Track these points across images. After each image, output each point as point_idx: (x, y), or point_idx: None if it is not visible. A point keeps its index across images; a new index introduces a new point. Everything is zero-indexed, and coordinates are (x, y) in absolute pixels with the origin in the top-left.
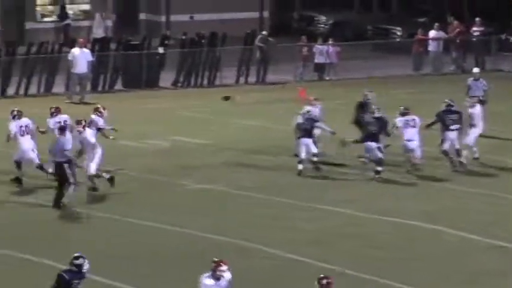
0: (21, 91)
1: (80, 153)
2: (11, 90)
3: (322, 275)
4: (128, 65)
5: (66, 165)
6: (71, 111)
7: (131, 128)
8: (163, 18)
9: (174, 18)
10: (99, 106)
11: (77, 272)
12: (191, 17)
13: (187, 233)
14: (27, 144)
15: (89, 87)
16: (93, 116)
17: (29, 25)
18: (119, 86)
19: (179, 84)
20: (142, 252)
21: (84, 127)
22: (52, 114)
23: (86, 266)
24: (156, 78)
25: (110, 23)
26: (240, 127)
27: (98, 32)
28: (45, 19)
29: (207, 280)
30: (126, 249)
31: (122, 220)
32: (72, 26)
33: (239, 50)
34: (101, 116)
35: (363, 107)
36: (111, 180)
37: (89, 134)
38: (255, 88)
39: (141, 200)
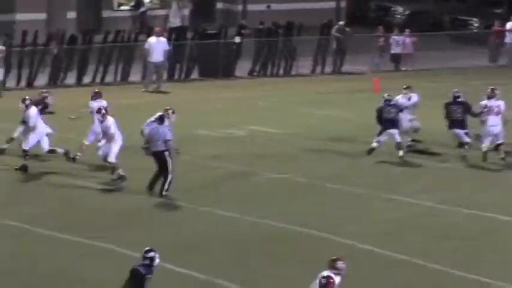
0: (98, 79)
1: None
2: (87, 79)
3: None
4: (204, 54)
5: (166, 154)
6: (147, 99)
7: (207, 117)
8: (240, 8)
9: (250, 7)
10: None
11: (149, 266)
12: (268, 7)
13: (262, 223)
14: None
15: (165, 76)
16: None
17: (105, 13)
18: (195, 75)
19: (255, 74)
20: (218, 241)
21: (104, 116)
22: (92, 98)
23: (157, 260)
24: (232, 67)
25: (186, 12)
26: (316, 117)
27: (175, 21)
28: (122, 7)
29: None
30: (202, 238)
31: (198, 210)
32: (149, 14)
33: (315, 40)
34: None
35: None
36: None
37: (111, 122)
38: (331, 78)
39: (217, 189)
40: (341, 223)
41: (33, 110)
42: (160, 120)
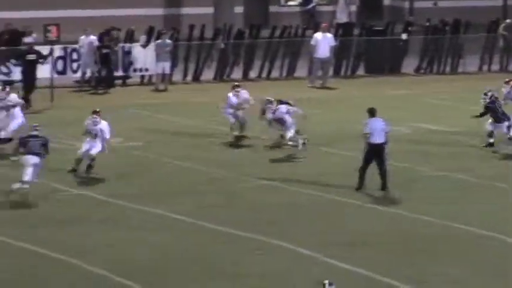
0: (264, 74)
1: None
2: (253, 74)
3: None
4: (371, 50)
5: (385, 147)
6: (313, 95)
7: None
8: (407, 5)
9: (417, 4)
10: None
11: None
12: (435, 4)
13: (427, 221)
14: None
15: (331, 72)
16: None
17: (272, 8)
18: (361, 71)
19: (422, 71)
20: (383, 239)
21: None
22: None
23: None
24: (398, 64)
25: (353, 8)
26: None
27: (342, 17)
28: (290, 3)
29: None
30: (367, 235)
31: (363, 207)
32: (316, 10)
33: (482, 38)
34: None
35: None
36: None
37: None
38: (498, 76)
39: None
40: (507, 223)
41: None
42: (371, 113)
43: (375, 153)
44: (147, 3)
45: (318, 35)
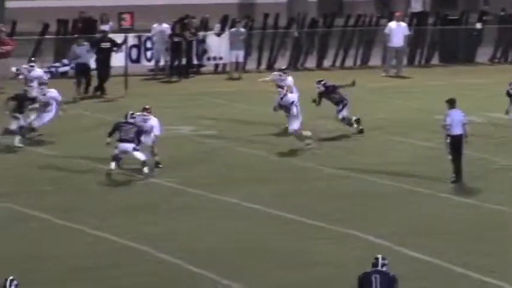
0: (338, 63)
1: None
2: (327, 62)
3: None
4: (445, 40)
5: (463, 139)
6: (387, 84)
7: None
8: None
9: None
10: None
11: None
12: None
13: (501, 210)
14: None
15: (405, 61)
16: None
17: None
18: (435, 60)
19: (496, 60)
20: (452, 227)
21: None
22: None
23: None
24: (473, 53)
25: None
26: None
27: (416, 6)
28: None
29: None
30: (437, 223)
31: (436, 196)
32: None
33: None
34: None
35: None
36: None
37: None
38: None
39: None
40: None
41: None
42: (451, 104)
43: (453, 144)
44: None
45: (392, 24)
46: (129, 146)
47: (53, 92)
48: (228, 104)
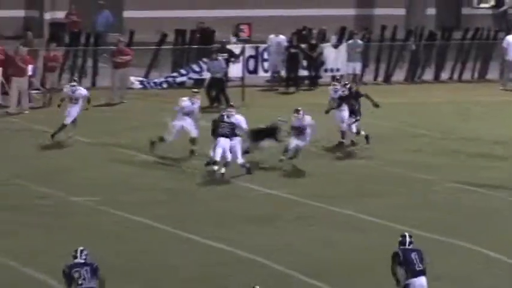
0: (455, 76)
1: None
2: (444, 75)
3: None
4: None
5: None
6: (504, 98)
7: None
8: None
9: None
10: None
11: None
12: None
13: None
14: None
15: None
16: None
17: (465, 10)
18: None
19: None
20: None
21: None
22: None
23: None
24: None
25: None
26: None
27: None
28: (482, 5)
29: None
30: None
31: None
32: (509, 13)
33: None
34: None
35: None
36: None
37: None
38: None
39: None
40: None
41: None
42: None
43: None
44: (339, 4)
45: (510, 38)
46: (226, 141)
47: (82, 90)
48: None
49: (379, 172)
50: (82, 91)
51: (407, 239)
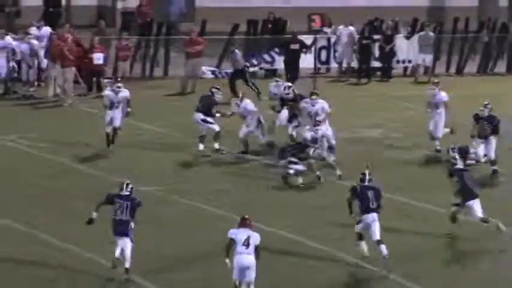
0: None
1: None
2: None
3: None
4: None
5: None
6: None
7: None
8: None
9: None
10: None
11: None
12: None
13: None
14: None
15: None
16: None
17: None
18: None
19: None
20: None
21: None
22: None
23: None
24: None
25: None
26: None
27: None
28: None
29: None
30: None
31: None
32: None
33: None
34: None
35: None
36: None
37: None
38: None
39: None
40: None
41: None
42: None
43: None
44: None
45: None
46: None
47: (125, 91)
48: (415, 108)
49: None
50: (125, 92)
51: (367, 177)
